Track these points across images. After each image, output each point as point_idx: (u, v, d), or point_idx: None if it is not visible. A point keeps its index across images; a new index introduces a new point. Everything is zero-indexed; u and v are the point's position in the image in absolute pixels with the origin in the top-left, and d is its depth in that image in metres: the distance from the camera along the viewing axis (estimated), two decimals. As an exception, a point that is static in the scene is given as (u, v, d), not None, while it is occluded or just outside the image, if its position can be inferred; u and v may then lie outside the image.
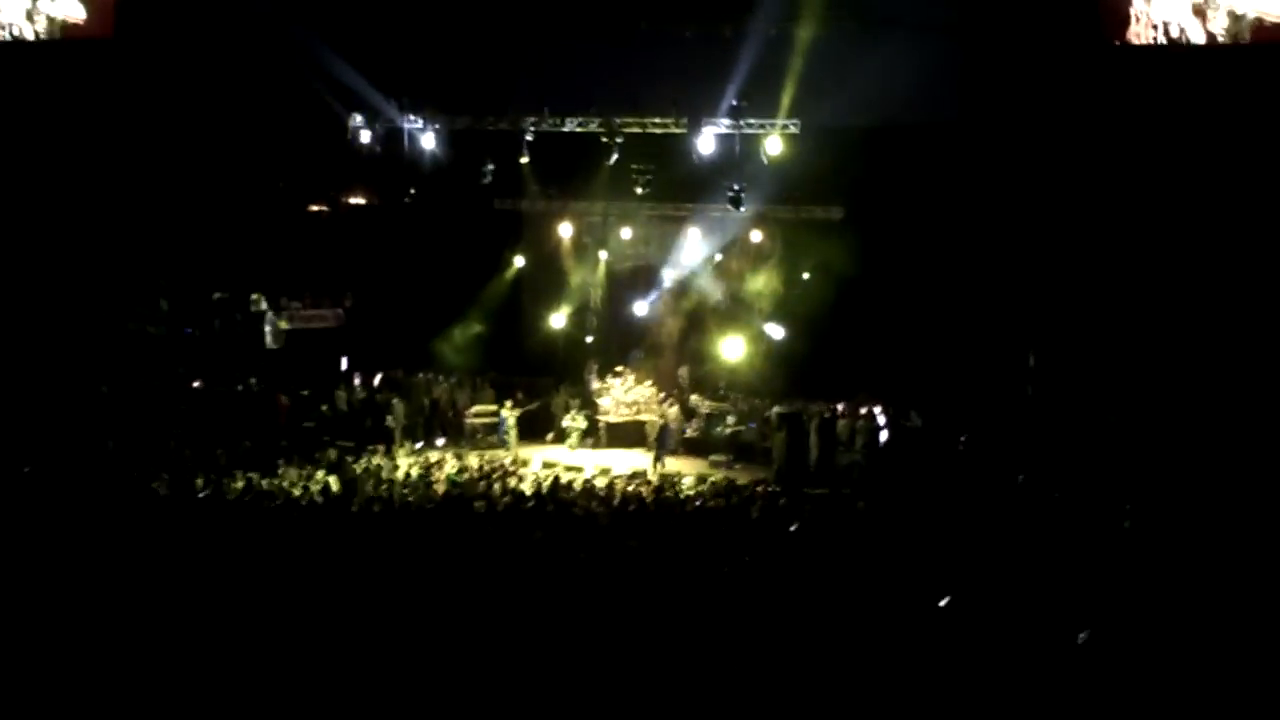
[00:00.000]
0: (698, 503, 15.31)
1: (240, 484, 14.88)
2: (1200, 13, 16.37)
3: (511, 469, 18.68)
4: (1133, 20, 16.65)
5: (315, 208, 25.75)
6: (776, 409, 21.15)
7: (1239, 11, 16.00)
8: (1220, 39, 16.22)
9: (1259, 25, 15.99)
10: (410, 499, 15.10)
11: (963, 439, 19.11)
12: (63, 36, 21.97)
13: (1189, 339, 18.11)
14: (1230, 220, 17.92)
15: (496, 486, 16.09)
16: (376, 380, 24.19)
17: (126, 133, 21.68)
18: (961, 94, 20.78)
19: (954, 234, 20.98)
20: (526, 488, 16.27)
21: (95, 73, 21.70)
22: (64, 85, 21.87)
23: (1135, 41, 16.62)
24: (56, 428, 17.55)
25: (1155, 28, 16.55)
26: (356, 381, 24.06)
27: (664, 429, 21.55)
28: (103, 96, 21.69)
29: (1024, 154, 19.34)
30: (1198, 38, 16.49)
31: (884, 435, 20.31)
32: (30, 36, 21.74)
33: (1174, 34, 16.44)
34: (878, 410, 21.57)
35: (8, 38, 21.79)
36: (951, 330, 20.96)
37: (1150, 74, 17.04)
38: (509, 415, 22.00)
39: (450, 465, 18.55)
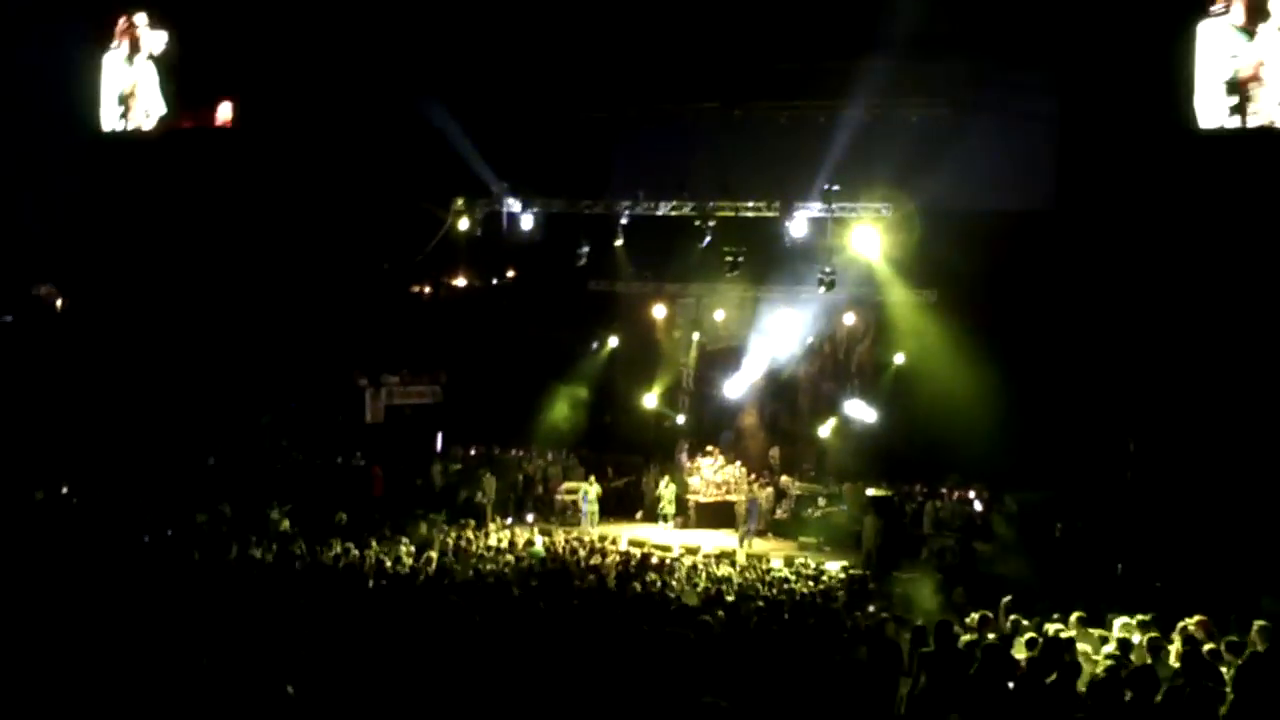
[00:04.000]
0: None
1: (336, 551, 15.17)
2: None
3: (598, 546, 18.73)
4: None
5: (417, 288, 26.51)
6: (869, 492, 20.93)
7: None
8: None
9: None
10: (501, 571, 15.24)
11: (1060, 525, 18.68)
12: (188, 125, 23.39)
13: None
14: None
15: (581, 561, 16.18)
16: (470, 455, 24.64)
17: (239, 218, 22.69)
18: (1058, 181, 20.67)
19: (1050, 319, 20.67)
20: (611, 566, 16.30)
21: (212, 161, 22.89)
22: (183, 174, 23.15)
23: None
24: (167, 498, 18.17)
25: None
26: (450, 457, 24.45)
27: (751, 504, 21.44)
28: (218, 184, 22.82)
29: (1119, 241, 19.03)
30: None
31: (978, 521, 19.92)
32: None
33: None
34: (972, 495, 21.25)
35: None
36: (1048, 415, 20.55)
37: (1237, 159, 16.70)
38: (590, 491, 22.17)
39: (536, 542, 18.70)
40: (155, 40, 23.19)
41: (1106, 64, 18.52)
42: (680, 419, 25.39)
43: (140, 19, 23.18)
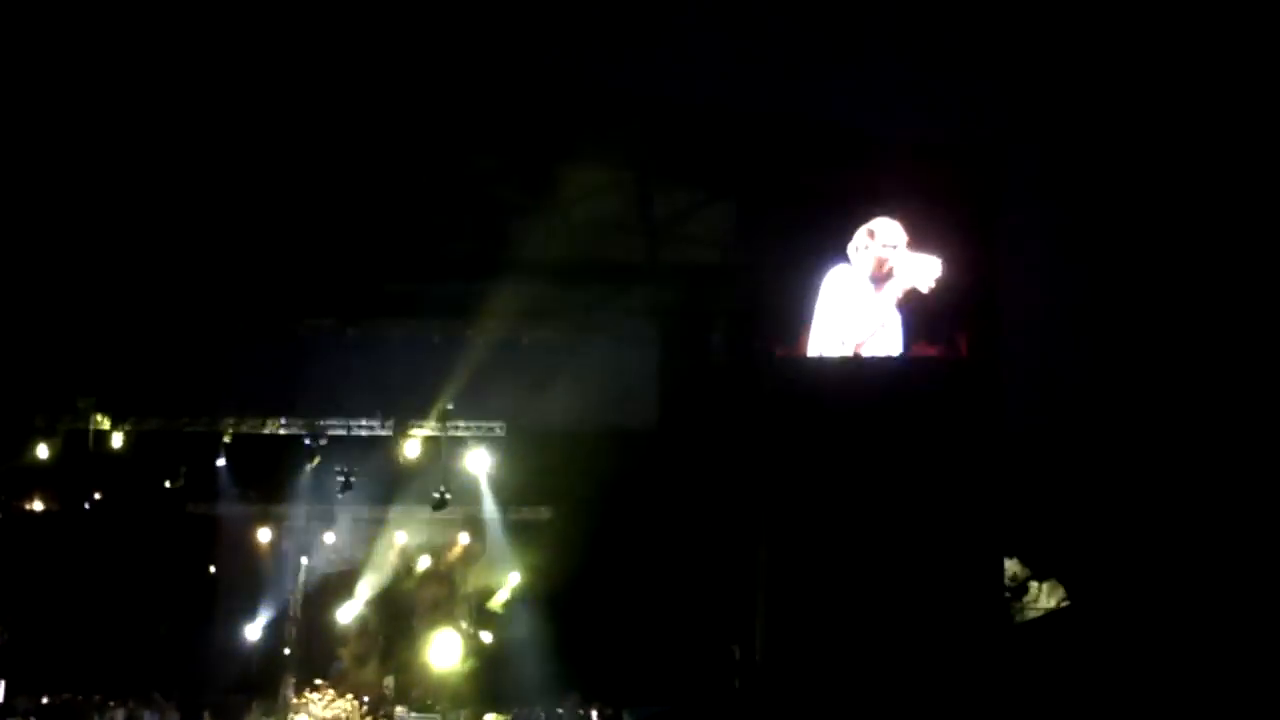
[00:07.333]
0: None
1: None
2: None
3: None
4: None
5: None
6: (487, 718, 20.38)
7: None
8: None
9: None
10: None
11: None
12: None
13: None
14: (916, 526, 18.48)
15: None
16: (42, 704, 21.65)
17: None
18: (660, 402, 21.75)
19: (659, 534, 21.33)
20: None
21: None
22: None
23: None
24: None
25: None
26: (12, 709, 21.42)
27: None
28: None
29: (712, 460, 19.94)
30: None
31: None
32: None
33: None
34: (594, 714, 21.18)
35: None
36: (666, 625, 20.93)
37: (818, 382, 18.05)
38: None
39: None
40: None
41: (696, 297, 20.12)
42: (286, 651, 23.83)
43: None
